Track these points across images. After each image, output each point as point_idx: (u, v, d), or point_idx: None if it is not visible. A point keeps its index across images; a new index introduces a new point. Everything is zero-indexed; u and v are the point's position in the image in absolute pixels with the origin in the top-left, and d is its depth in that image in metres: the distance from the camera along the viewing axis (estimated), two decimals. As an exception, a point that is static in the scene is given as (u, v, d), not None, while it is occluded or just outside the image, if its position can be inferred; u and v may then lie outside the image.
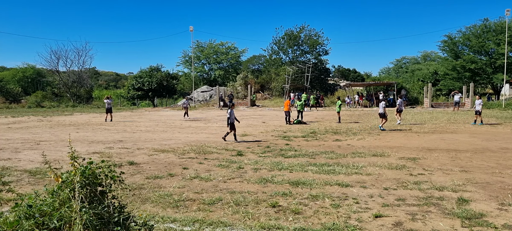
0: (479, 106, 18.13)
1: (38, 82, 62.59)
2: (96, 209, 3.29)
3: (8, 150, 10.90)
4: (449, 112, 27.46)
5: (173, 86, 50.29)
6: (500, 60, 36.42)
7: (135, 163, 8.74)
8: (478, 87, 43.34)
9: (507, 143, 11.84)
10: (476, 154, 9.77)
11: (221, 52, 62.24)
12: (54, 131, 16.55)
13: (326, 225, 4.58)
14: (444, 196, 5.83)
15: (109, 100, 22.72)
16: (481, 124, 17.75)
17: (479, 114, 18.04)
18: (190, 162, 8.86)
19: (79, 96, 48.50)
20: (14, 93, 49.31)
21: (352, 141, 12.65)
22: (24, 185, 6.63)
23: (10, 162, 8.87)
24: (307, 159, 9.11)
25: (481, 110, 18.19)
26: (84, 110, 35.47)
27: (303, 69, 43.99)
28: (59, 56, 50.44)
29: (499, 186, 6.49)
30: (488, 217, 4.88)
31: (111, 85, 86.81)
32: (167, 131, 16.09)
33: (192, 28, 42.45)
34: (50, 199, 3.34)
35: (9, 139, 13.41)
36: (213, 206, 5.42)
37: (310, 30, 49.22)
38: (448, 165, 8.31)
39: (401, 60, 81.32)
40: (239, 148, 11.01)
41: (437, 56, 63.13)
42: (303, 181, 6.75)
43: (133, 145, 11.84)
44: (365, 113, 27.08)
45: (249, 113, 28.57)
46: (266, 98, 44.55)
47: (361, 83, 50.44)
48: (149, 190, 6.26)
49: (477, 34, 40.65)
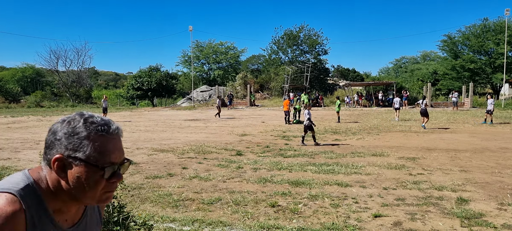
0: (491, 106, 18.36)
1: (38, 82, 62.46)
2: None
3: (8, 149, 10.89)
4: (448, 112, 27.48)
5: (172, 86, 50.26)
6: (499, 60, 36.43)
7: (134, 162, 8.73)
8: (478, 87, 43.33)
9: (506, 142, 11.84)
10: (475, 154, 9.78)
11: (220, 52, 62.19)
12: (53, 130, 16.52)
13: (325, 225, 4.59)
14: (443, 195, 5.83)
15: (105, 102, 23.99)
16: (491, 123, 17.94)
17: (490, 113, 18.25)
18: (190, 161, 8.86)
19: (78, 96, 48.46)
20: (13, 93, 49.20)
21: (351, 140, 12.66)
22: (23, 184, 6.62)
23: (9, 162, 8.87)
24: (306, 158, 9.12)
25: (493, 110, 18.43)
26: (83, 110, 35.42)
27: (302, 69, 43.96)
28: (59, 56, 50.40)
29: (499, 185, 6.50)
30: (487, 216, 4.88)
31: (110, 85, 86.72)
32: (166, 131, 16.08)
33: (191, 28, 42.42)
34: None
35: (9, 139, 13.40)
36: (213, 205, 5.42)
37: (310, 30, 49.22)
38: (447, 165, 8.31)
39: (401, 60, 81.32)
40: (239, 147, 11.01)
41: (436, 56, 63.15)
42: (303, 180, 6.75)
43: (132, 144, 11.83)
44: (364, 113, 27.08)
45: (249, 113, 28.56)
46: (265, 98, 44.53)
47: (361, 83, 50.43)
48: (149, 190, 6.26)
49: (476, 34, 40.64)
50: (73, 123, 1.04)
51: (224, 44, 63.05)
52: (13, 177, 1.06)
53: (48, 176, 1.05)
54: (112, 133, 1.06)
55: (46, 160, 1.05)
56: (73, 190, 1.04)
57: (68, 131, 1.03)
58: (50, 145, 1.04)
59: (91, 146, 1.02)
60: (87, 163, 1.02)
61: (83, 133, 1.03)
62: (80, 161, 1.01)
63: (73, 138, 1.02)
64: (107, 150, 1.04)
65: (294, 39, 48.88)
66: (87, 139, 1.02)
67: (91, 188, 1.04)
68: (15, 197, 0.98)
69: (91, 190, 1.04)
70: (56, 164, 1.02)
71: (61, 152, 1.02)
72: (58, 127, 1.05)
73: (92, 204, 1.11)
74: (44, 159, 1.06)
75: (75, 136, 1.02)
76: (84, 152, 1.01)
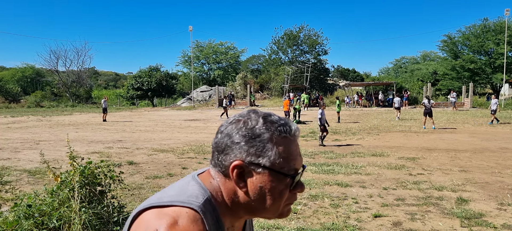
0: (495, 106, 18.46)
1: (38, 82, 62.46)
2: (96, 209, 3.29)
3: (8, 149, 10.89)
4: (448, 112, 27.49)
5: (172, 86, 50.27)
6: (499, 60, 36.43)
7: (134, 162, 8.73)
8: (478, 87, 43.36)
9: (506, 142, 11.84)
10: (475, 154, 9.78)
11: (220, 52, 62.19)
12: (53, 130, 16.53)
13: (325, 225, 4.58)
14: (443, 196, 5.83)
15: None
16: (497, 123, 18.11)
17: (494, 113, 18.35)
18: (190, 161, 8.86)
19: (78, 96, 48.47)
20: (13, 93, 49.19)
21: (351, 140, 12.66)
22: (23, 184, 6.62)
23: (9, 162, 8.86)
24: (306, 158, 9.11)
25: (496, 110, 18.54)
26: (84, 110, 35.45)
27: (302, 69, 43.97)
28: (59, 56, 50.44)
29: (499, 185, 6.50)
30: (487, 217, 4.88)
31: (110, 85, 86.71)
32: (166, 131, 16.08)
33: (191, 28, 42.43)
34: (50, 198, 3.34)
35: (9, 139, 13.40)
36: (213, 206, 5.41)
37: (309, 30, 49.19)
38: (447, 165, 8.31)
39: (401, 60, 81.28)
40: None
41: (436, 56, 63.13)
42: (302, 181, 6.74)
43: (132, 144, 11.83)
44: (364, 113, 27.08)
45: (249, 113, 28.53)
46: (265, 98, 44.51)
47: (361, 83, 50.43)
48: (149, 190, 6.26)
49: (476, 34, 40.64)
50: (251, 123, 0.89)
51: (224, 44, 63.09)
52: (188, 185, 0.90)
53: (222, 186, 0.90)
54: (294, 134, 0.92)
55: (219, 166, 0.90)
56: (253, 202, 0.88)
57: (248, 132, 0.88)
58: (225, 149, 0.89)
59: (275, 151, 0.87)
60: (272, 170, 0.87)
61: (265, 134, 0.87)
62: (263, 168, 0.87)
63: (254, 141, 0.87)
64: (292, 155, 0.90)
65: (294, 39, 48.86)
66: (270, 142, 0.87)
67: (276, 200, 0.88)
68: (198, 215, 0.82)
69: (276, 203, 0.89)
70: (236, 172, 0.87)
71: (241, 157, 0.87)
72: (232, 128, 0.90)
73: (271, 218, 0.94)
74: (215, 164, 0.91)
75: (257, 139, 0.87)
76: (269, 158, 0.86)
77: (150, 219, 0.81)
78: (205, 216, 0.82)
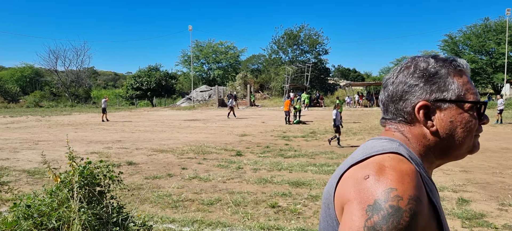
0: (502, 106, 18.74)
1: (37, 82, 62.44)
2: (95, 209, 3.27)
3: (7, 149, 10.87)
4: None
5: (172, 86, 50.25)
6: (500, 60, 36.46)
7: (133, 163, 8.71)
8: (479, 87, 43.37)
9: (507, 143, 11.83)
10: (476, 154, 9.75)
11: (220, 52, 62.15)
12: (52, 130, 16.51)
13: (326, 226, 4.56)
14: (444, 196, 5.81)
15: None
16: (501, 123, 18.22)
17: (500, 113, 18.49)
18: (189, 162, 8.84)
19: (77, 96, 48.42)
20: (12, 93, 49.20)
21: (352, 141, 12.64)
22: (22, 185, 6.60)
23: (8, 162, 8.84)
24: (306, 159, 9.09)
25: (503, 110, 18.82)
26: (83, 110, 35.43)
27: (302, 69, 43.98)
28: (58, 56, 50.41)
29: (500, 186, 6.48)
30: (488, 217, 4.86)
31: (109, 84, 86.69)
32: (165, 131, 16.06)
33: (191, 28, 42.51)
34: (49, 199, 3.32)
35: (8, 139, 13.37)
36: (212, 206, 5.39)
37: (310, 30, 49.24)
38: (448, 165, 8.28)
39: (402, 59, 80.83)
40: (239, 148, 10.99)
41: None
42: (303, 181, 6.73)
43: (131, 145, 11.81)
44: (365, 113, 27.07)
45: (249, 113, 28.55)
46: (265, 98, 44.51)
47: (361, 83, 50.42)
48: (148, 190, 6.24)
49: (477, 34, 40.69)
50: (422, 64, 0.89)
51: (224, 44, 63.04)
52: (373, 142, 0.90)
53: (409, 133, 0.89)
54: (467, 68, 0.91)
55: (400, 115, 0.90)
56: (445, 141, 0.87)
57: (423, 73, 0.88)
58: (403, 95, 0.89)
59: (457, 83, 0.87)
60: (459, 101, 0.86)
61: (442, 70, 0.87)
62: (450, 102, 0.86)
63: (433, 79, 0.87)
64: (472, 87, 0.89)
65: (295, 38, 48.87)
66: (450, 76, 0.87)
67: (468, 133, 0.88)
68: (402, 156, 0.81)
69: (468, 135, 0.88)
70: (422, 112, 0.86)
71: (424, 97, 0.86)
72: (404, 75, 0.90)
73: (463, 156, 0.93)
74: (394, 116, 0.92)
75: (435, 76, 0.87)
76: (453, 91, 0.86)
77: (355, 172, 0.80)
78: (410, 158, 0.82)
